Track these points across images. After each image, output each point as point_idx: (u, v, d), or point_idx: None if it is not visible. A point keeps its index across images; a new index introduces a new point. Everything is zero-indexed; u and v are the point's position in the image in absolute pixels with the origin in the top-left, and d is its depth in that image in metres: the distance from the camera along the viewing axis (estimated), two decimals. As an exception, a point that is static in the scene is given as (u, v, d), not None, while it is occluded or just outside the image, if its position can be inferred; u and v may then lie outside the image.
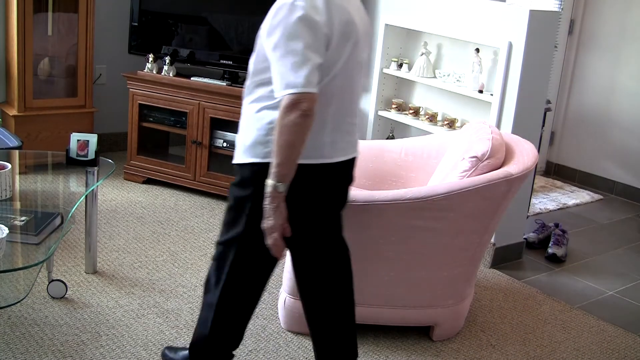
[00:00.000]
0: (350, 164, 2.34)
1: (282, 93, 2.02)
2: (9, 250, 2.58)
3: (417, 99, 4.27)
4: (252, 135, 2.20)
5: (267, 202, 2.09)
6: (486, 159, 2.85)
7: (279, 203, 2.08)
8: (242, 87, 4.45)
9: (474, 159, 2.86)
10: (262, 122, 2.17)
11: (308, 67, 2.01)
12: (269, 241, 2.13)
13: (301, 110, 1.98)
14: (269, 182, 2.06)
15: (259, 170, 2.15)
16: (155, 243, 3.71)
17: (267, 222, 2.11)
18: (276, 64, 2.06)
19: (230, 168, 4.71)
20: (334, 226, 2.40)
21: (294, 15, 2.04)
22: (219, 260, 2.35)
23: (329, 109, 2.18)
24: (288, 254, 2.53)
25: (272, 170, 2.05)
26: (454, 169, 2.93)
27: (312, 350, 2.53)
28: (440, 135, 3.61)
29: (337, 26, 2.10)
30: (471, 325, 3.19)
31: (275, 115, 2.08)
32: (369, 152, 3.52)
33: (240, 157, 2.26)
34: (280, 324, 3.03)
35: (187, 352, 2.59)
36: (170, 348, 2.71)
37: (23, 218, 2.77)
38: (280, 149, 2.02)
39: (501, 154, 2.93)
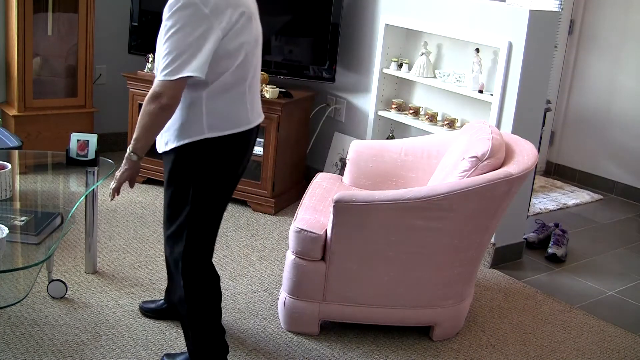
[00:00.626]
0: (258, 127, 2.61)
1: (157, 78, 2.28)
2: (9, 250, 2.58)
3: (417, 99, 4.27)
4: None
5: (123, 163, 2.44)
6: (486, 159, 2.85)
7: (130, 166, 2.44)
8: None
9: (474, 159, 2.86)
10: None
11: (185, 56, 2.22)
12: (113, 185, 2.52)
13: (160, 104, 2.25)
14: (128, 150, 2.40)
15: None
16: (155, 243, 3.71)
17: (118, 175, 2.49)
18: (158, 49, 2.31)
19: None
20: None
21: (186, 7, 2.23)
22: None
23: (245, 83, 2.42)
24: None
25: (132, 142, 2.38)
26: (454, 169, 2.93)
27: (311, 350, 2.52)
28: (440, 135, 3.61)
29: (233, 13, 2.33)
30: (471, 325, 3.20)
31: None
32: (369, 152, 3.52)
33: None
34: (280, 324, 3.03)
35: (185, 355, 2.62)
36: (168, 355, 2.71)
37: (23, 218, 2.77)
38: (140, 128, 2.33)
39: (501, 154, 2.93)
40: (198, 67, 2.23)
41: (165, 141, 2.44)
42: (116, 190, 2.52)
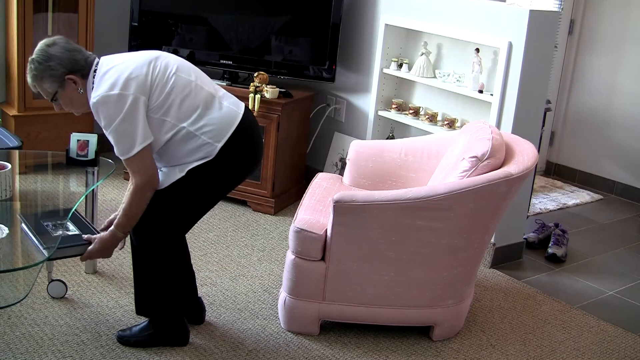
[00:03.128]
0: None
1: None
2: (9, 250, 2.58)
3: (417, 99, 4.27)
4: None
5: (106, 240, 2.64)
6: (486, 159, 2.85)
7: (116, 243, 2.66)
8: (242, 87, 4.46)
9: (474, 159, 2.86)
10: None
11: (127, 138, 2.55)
12: (86, 258, 2.71)
13: (146, 187, 2.58)
14: (116, 230, 2.62)
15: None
16: (155, 243, 3.71)
17: (96, 253, 2.67)
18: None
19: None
20: None
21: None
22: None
23: (203, 90, 2.62)
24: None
25: (122, 227, 2.61)
26: (454, 169, 2.93)
27: (311, 350, 2.52)
28: (440, 135, 3.61)
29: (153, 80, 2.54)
30: (471, 325, 3.20)
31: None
32: (369, 152, 3.52)
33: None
34: (280, 324, 3.03)
35: (141, 325, 2.81)
36: (122, 330, 2.84)
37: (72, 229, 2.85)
38: (135, 215, 2.59)
39: (501, 154, 2.93)
40: (144, 138, 2.49)
41: (175, 173, 2.62)
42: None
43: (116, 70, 2.50)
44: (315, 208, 3.07)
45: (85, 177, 3.16)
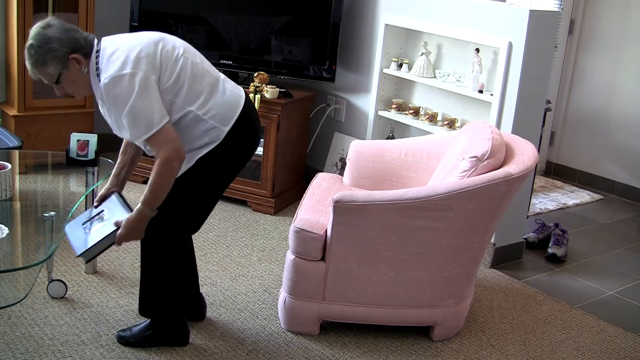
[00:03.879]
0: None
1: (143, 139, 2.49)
2: (9, 250, 2.58)
3: (417, 99, 4.27)
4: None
5: (134, 219, 2.48)
6: (486, 159, 2.85)
7: (144, 223, 2.52)
8: (242, 87, 4.43)
9: (474, 159, 2.86)
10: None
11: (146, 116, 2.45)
12: (119, 243, 2.52)
13: (175, 156, 2.49)
14: (144, 207, 2.49)
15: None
16: (155, 243, 3.71)
17: (126, 236, 2.50)
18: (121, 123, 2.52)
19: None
20: None
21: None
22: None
23: (210, 74, 2.61)
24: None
25: (149, 202, 2.48)
26: (454, 169, 2.93)
27: (311, 350, 2.52)
28: (440, 135, 3.61)
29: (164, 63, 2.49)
30: (471, 325, 3.20)
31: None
32: (369, 152, 3.52)
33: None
34: (280, 324, 3.03)
35: (141, 325, 2.80)
36: (122, 330, 2.82)
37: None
38: (163, 187, 2.49)
39: (501, 154, 2.93)
40: (161, 115, 2.43)
41: (189, 160, 2.58)
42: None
43: (124, 50, 2.43)
44: (315, 208, 3.07)
45: (85, 177, 3.16)
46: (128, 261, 3.48)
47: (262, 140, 4.24)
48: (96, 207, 2.69)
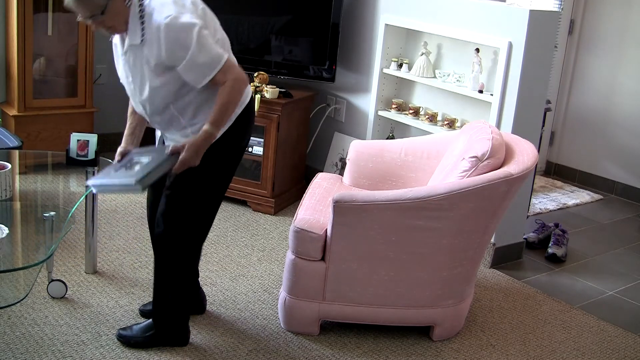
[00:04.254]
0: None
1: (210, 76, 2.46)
2: (9, 250, 2.58)
3: (417, 99, 4.27)
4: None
5: (201, 141, 2.46)
6: (486, 159, 2.85)
7: (209, 142, 2.50)
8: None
9: (474, 159, 2.86)
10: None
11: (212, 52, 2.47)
12: (180, 168, 2.48)
13: (236, 79, 2.49)
14: (210, 128, 2.47)
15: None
16: (155, 243, 3.71)
17: (191, 158, 2.47)
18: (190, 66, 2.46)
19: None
20: None
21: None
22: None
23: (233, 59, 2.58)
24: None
25: (214, 123, 2.47)
26: (454, 169, 2.93)
27: (311, 350, 2.52)
28: (440, 135, 3.61)
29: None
30: (471, 325, 3.20)
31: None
32: (369, 152, 3.52)
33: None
34: (280, 324, 3.03)
35: (143, 324, 2.80)
36: (123, 329, 2.82)
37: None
38: (227, 107, 2.49)
39: (501, 154, 2.93)
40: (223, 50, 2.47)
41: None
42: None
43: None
44: (315, 208, 3.07)
45: (85, 177, 3.16)
46: (128, 261, 3.48)
47: (262, 140, 4.25)
48: (119, 161, 2.62)
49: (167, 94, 2.51)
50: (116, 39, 2.62)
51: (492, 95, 3.71)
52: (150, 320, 2.79)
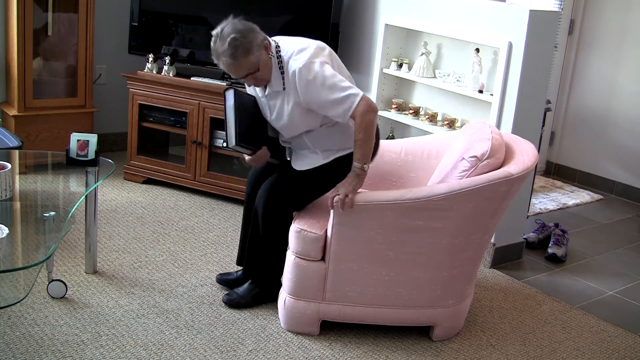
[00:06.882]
0: None
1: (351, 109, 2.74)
2: (9, 250, 2.58)
3: (417, 99, 4.27)
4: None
5: (353, 178, 2.75)
6: (486, 159, 2.85)
7: (362, 177, 2.77)
8: (242, 87, 4.43)
9: (473, 158, 2.86)
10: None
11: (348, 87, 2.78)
12: (344, 197, 2.73)
13: (372, 111, 2.76)
14: (359, 165, 2.75)
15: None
16: (155, 243, 3.71)
17: (349, 188, 2.73)
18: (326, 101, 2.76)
19: (230, 168, 4.73)
20: None
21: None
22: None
23: None
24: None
25: (360, 158, 2.75)
26: (454, 169, 2.93)
27: (311, 350, 2.53)
28: (440, 135, 3.61)
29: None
30: (471, 325, 3.20)
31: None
32: (369, 152, 3.51)
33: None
34: (280, 324, 3.03)
35: (244, 287, 3.12)
36: (228, 294, 3.14)
37: None
38: (367, 141, 2.77)
39: (501, 154, 2.93)
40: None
41: (318, 159, 2.94)
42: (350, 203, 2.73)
43: (304, 43, 2.79)
44: (316, 208, 3.07)
45: (85, 177, 3.16)
46: (128, 261, 3.48)
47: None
48: None
49: (303, 128, 2.86)
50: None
51: (492, 95, 3.71)
52: (249, 282, 3.11)
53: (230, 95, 2.90)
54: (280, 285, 3.04)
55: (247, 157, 3.00)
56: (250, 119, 2.95)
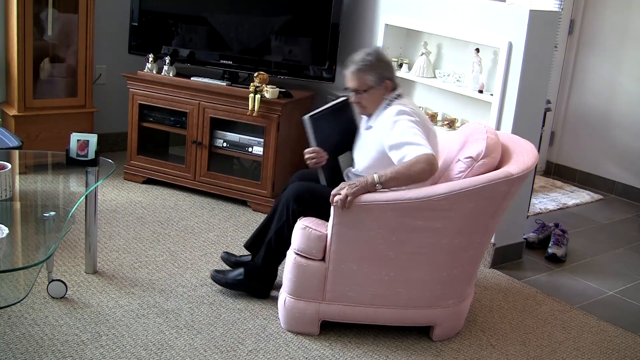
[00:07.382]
0: None
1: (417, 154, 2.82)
2: (9, 250, 2.58)
3: (417, 99, 4.27)
4: None
5: (363, 184, 2.77)
6: (481, 159, 2.86)
7: (369, 190, 2.78)
8: (242, 87, 4.44)
9: (469, 159, 2.87)
10: None
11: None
12: (345, 195, 2.76)
13: (432, 168, 2.80)
14: (377, 178, 2.77)
15: None
16: (155, 243, 3.71)
17: (351, 190, 2.76)
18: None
19: (230, 168, 4.73)
20: None
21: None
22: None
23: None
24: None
25: (385, 177, 2.77)
26: (451, 171, 2.94)
27: (311, 350, 2.52)
28: (440, 135, 3.61)
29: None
30: (471, 325, 3.20)
31: None
32: (369, 152, 3.52)
33: None
34: (280, 324, 3.03)
35: (240, 271, 3.20)
36: (217, 271, 3.24)
37: None
38: (404, 176, 2.77)
39: (497, 153, 2.93)
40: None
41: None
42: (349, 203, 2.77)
43: (410, 104, 2.99)
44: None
45: (85, 177, 3.16)
46: (128, 261, 3.48)
47: (262, 140, 4.25)
48: None
49: (375, 166, 2.92)
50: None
51: (492, 95, 3.71)
52: (244, 270, 3.19)
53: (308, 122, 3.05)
54: (269, 284, 3.18)
55: (306, 151, 3.06)
56: (328, 127, 3.12)
